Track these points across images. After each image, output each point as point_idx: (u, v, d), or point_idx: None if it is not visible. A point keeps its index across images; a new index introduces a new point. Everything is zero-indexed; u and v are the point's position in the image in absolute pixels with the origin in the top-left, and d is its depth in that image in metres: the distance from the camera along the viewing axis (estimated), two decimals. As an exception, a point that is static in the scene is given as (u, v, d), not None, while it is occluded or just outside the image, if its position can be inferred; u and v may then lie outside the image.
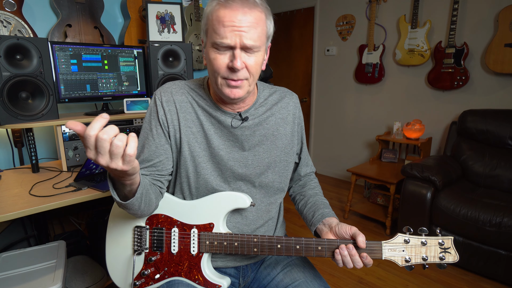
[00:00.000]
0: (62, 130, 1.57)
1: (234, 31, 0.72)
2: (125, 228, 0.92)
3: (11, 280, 1.15)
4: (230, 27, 0.72)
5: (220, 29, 0.73)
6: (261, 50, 0.79)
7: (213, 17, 0.75)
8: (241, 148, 0.90)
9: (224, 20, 0.72)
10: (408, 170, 2.21)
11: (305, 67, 4.08)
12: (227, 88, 0.79)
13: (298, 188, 1.07)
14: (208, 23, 0.77)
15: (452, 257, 0.76)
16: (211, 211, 0.87)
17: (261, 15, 0.76)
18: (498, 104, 2.59)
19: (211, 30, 0.76)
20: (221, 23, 0.73)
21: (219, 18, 0.73)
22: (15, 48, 1.39)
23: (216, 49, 0.76)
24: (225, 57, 0.76)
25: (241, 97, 0.82)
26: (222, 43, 0.74)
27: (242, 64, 0.75)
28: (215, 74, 0.79)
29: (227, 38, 0.73)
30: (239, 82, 0.78)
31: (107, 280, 1.62)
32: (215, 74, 0.79)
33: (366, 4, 3.32)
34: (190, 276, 0.88)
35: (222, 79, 0.79)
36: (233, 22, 0.72)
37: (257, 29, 0.75)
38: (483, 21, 2.60)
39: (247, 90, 0.82)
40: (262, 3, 0.77)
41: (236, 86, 0.79)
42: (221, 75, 0.78)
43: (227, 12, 0.72)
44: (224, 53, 0.76)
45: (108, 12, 2.11)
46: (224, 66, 0.76)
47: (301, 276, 0.92)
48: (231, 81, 0.78)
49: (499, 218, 1.83)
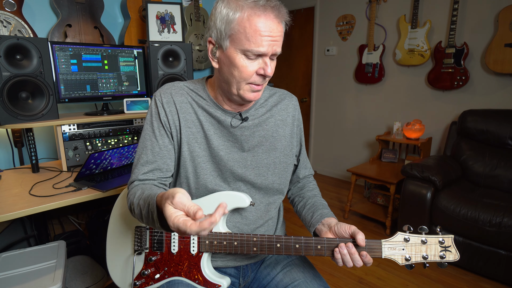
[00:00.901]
0: (62, 130, 1.57)
1: (270, 41, 0.75)
2: (126, 228, 0.92)
3: (11, 280, 1.15)
4: (267, 37, 0.74)
5: (257, 38, 0.73)
6: None
7: (245, 25, 0.73)
8: (240, 149, 0.91)
9: (261, 30, 0.73)
10: (408, 170, 2.21)
11: (305, 67, 4.08)
12: (251, 93, 0.82)
13: (297, 190, 1.07)
14: (238, 29, 0.74)
15: (452, 255, 0.76)
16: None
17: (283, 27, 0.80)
18: (498, 104, 2.59)
19: (243, 37, 0.74)
20: (258, 32, 0.73)
21: (255, 27, 0.73)
22: (15, 48, 1.39)
23: (247, 56, 0.77)
24: (255, 64, 0.78)
25: (259, 98, 0.87)
26: (258, 51, 0.75)
27: (272, 71, 0.79)
28: (241, 80, 0.80)
29: (263, 47, 0.75)
30: (261, 87, 0.83)
31: (107, 280, 1.62)
32: (241, 80, 0.80)
33: (366, 4, 3.32)
34: (190, 276, 0.88)
35: (247, 84, 0.81)
36: (270, 32, 0.74)
37: (283, 36, 0.79)
38: (483, 21, 2.60)
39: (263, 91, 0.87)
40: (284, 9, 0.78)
41: (259, 90, 0.82)
42: (249, 81, 0.80)
43: (263, 20, 0.73)
44: (254, 61, 0.78)
45: (108, 12, 2.11)
46: (253, 72, 0.79)
47: (301, 276, 0.92)
48: (256, 86, 0.81)
49: (499, 218, 1.83)
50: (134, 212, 0.80)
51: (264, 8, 0.73)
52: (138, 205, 0.77)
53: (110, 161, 1.50)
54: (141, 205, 0.76)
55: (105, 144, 1.71)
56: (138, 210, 0.77)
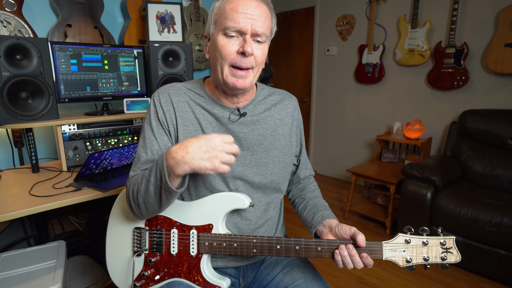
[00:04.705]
0: (62, 130, 1.57)
1: (247, 18, 0.78)
2: (125, 229, 0.92)
3: (11, 280, 1.15)
4: (243, 14, 0.77)
5: (234, 14, 0.78)
6: (266, 42, 0.84)
7: (225, 7, 0.79)
8: (239, 147, 0.90)
9: (237, 8, 0.78)
10: (408, 170, 2.21)
11: (305, 67, 4.08)
12: (233, 77, 0.82)
13: (298, 191, 1.07)
14: (219, 13, 0.81)
15: (454, 257, 0.76)
16: (210, 212, 0.87)
17: (268, 11, 0.83)
18: (498, 104, 2.59)
19: (223, 18, 0.79)
20: (234, 10, 0.78)
21: (232, 6, 0.78)
22: (15, 48, 1.39)
23: (226, 35, 0.80)
24: (235, 44, 0.80)
25: (246, 87, 0.84)
26: (234, 27, 0.78)
27: (252, 49, 0.79)
28: (222, 62, 0.81)
29: (239, 23, 0.77)
30: (245, 72, 0.82)
31: (107, 280, 1.62)
32: (223, 62, 0.81)
33: (366, 4, 3.32)
34: (189, 277, 0.87)
35: (229, 67, 0.81)
36: (246, 9, 0.78)
37: (266, 20, 0.81)
38: (483, 21, 2.60)
39: (251, 81, 0.85)
40: (269, 2, 0.84)
41: (242, 76, 0.82)
42: (230, 61, 0.81)
43: (241, 1, 0.78)
44: (234, 39, 0.80)
45: (108, 12, 2.11)
46: (233, 52, 0.80)
47: (301, 276, 0.92)
48: (237, 70, 0.81)
49: (499, 218, 1.83)
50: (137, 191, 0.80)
51: None
52: (143, 177, 0.79)
53: (110, 161, 1.50)
54: (145, 175, 0.79)
55: (105, 144, 1.71)
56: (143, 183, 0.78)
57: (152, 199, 0.78)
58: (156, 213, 0.85)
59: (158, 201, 0.78)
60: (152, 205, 0.80)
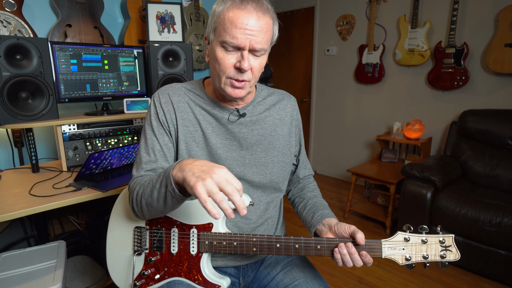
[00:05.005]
0: (62, 130, 1.57)
1: (245, 34, 0.75)
2: (125, 229, 0.92)
3: (11, 280, 1.15)
4: (242, 29, 0.75)
5: (232, 29, 0.75)
6: (265, 54, 0.83)
7: (225, 17, 0.76)
8: (239, 147, 0.91)
9: (237, 22, 0.74)
10: (408, 170, 2.21)
11: (305, 67, 4.08)
12: (230, 87, 0.82)
13: (297, 191, 1.07)
14: (219, 22, 0.78)
15: (453, 255, 0.76)
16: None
17: (270, 21, 0.79)
18: (498, 104, 2.59)
19: (221, 29, 0.77)
20: (234, 24, 0.75)
21: (232, 19, 0.75)
22: (15, 48, 1.39)
23: (224, 48, 0.78)
24: (233, 57, 0.78)
25: (243, 96, 0.85)
26: (232, 43, 0.76)
27: (249, 65, 0.78)
28: (220, 73, 0.81)
29: (237, 39, 0.75)
30: (242, 84, 0.81)
31: (107, 280, 1.62)
32: (220, 73, 0.81)
33: (366, 4, 3.32)
34: (190, 276, 0.88)
35: (227, 78, 0.81)
36: (246, 25, 0.74)
37: (266, 34, 0.78)
38: (483, 21, 2.60)
39: (248, 91, 0.85)
40: (271, 9, 0.80)
41: (239, 87, 0.81)
42: (227, 74, 0.80)
43: (241, 14, 0.74)
44: (232, 53, 0.78)
45: (108, 12, 2.11)
46: (231, 66, 0.79)
47: (301, 275, 0.92)
48: (235, 81, 0.81)
49: (499, 218, 1.83)
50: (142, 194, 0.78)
51: (244, 1, 0.74)
52: (150, 181, 0.76)
53: (110, 161, 1.50)
54: (153, 179, 0.76)
55: (105, 144, 1.71)
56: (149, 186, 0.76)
57: (155, 204, 0.77)
58: (158, 216, 0.85)
59: (163, 205, 0.76)
60: (155, 209, 0.78)
